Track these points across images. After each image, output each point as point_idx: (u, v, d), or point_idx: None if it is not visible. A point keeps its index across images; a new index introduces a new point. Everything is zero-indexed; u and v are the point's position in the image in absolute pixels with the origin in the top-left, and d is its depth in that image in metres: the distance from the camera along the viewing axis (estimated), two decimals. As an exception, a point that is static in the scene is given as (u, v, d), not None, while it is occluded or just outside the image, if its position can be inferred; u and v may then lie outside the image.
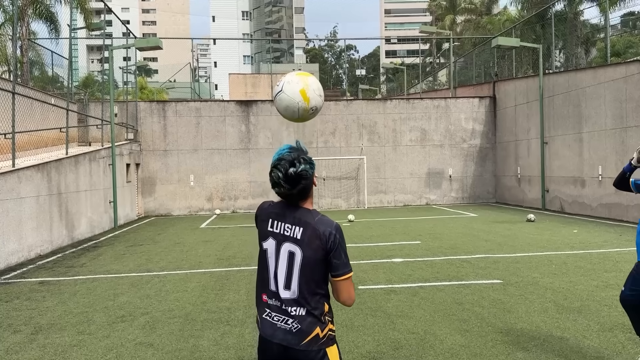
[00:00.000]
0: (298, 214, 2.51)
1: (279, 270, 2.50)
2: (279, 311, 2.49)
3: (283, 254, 2.49)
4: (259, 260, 2.60)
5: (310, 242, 2.45)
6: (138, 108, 20.93)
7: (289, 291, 2.48)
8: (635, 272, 4.28)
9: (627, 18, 31.53)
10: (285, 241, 2.49)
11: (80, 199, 14.23)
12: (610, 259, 9.09)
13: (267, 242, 2.54)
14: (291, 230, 2.49)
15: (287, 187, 2.45)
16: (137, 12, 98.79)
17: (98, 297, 7.39)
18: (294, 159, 2.46)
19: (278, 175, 2.44)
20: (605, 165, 15.49)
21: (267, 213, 2.58)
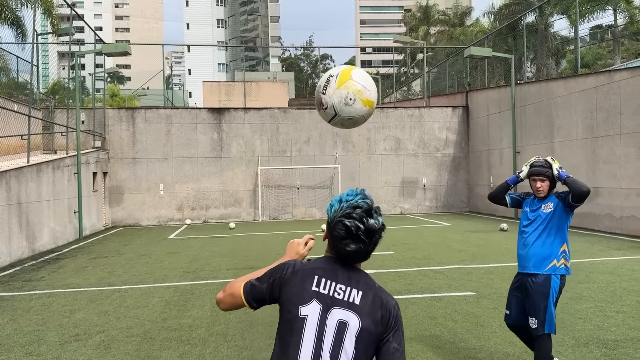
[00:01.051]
0: (354, 274, 1.93)
1: (323, 348, 1.81)
2: None
3: (330, 324, 1.84)
4: (279, 338, 1.91)
5: (372, 312, 1.86)
6: (106, 115, 20.38)
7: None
8: (514, 289, 4.28)
9: (595, 31, 32.18)
10: (335, 306, 1.86)
11: (43, 209, 13.66)
12: (583, 269, 9.02)
13: (308, 306, 1.86)
14: (345, 292, 1.88)
15: (366, 242, 1.88)
16: (110, 19, 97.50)
17: (53, 314, 6.96)
18: (371, 209, 1.92)
19: (358, 225, 1.86)
20: (576, 175, 15.50)
21: (311, 269, 1.93)
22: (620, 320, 5.94)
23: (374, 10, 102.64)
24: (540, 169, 4.15)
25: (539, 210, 4.17)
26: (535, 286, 4.05)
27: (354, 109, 2.45)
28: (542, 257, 4.09)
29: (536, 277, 4.07)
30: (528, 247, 4.14)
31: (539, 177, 4.16)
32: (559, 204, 4.13)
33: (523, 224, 4.26)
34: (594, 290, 7.42)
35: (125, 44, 16.66)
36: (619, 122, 13.80)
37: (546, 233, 4.11)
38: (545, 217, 4.12)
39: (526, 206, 4.32)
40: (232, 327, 6.12)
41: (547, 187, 4.15)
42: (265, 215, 21.44)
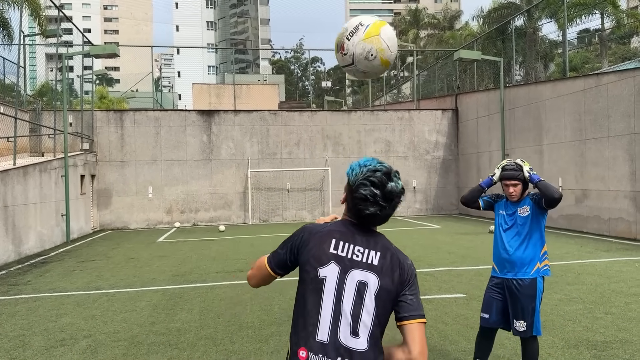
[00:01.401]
0: (372, 236, 1.99)
1: (342, 308, 1.87)
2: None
3: (350, 284, 1.89)
4: (299, 299, 1.97)
5: (390, 272, 1.92)
6: (94, 117, 20.21)
7: (356, 338, 1.85)
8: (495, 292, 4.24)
9: (583, 34, 32.47)
10: (354, 267, 1.91)
11: (29, 212, 13.50)
12: (572, 271, 9.05)
13: (326, 268, 1.91)
14: (363, 254, 1.93)
15: (385, 206, 1.94)
16: (99, 21, 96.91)
17: (39, 318, 6.86)
18: (390, 172, 1.99)
19: (373, 191, 1.92)
20: (565, 177, 15.67)
21: (328, 231, 1.98)
22: (609, 321, 5.95)
23: (364, 13, 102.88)
24: (512, 172, 4.13)
25: (516, 214, 4.16)
26: (523, 289, 4.05)
27: (371, 64, 2.41)
28: (527, 261, 4.10)
29: (523, 280, 4.07)
30: (512, 252, 4.12)
31: (511, 182, 4.14)
32: (534, 207, 4.15)
33: (502, 227, 4.22)
34: (583, 291, 7.45)
35: (114, 45, 16.53)
36: (606, 125, 13.91)
37: (528, 237, 4.11)
38: (525, 221, 4.12)
39: (500, 209, 4.28)
40: (220, 331, 6.06)
41: (520, 191, 4.15)
42: (256, 218, 21.35)
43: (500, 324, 4.20)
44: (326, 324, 1.87)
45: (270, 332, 5.93)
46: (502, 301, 4.17)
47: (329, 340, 1.86)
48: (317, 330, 1.87)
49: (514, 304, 4.07)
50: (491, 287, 4.28)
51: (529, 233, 4.11)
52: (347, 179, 2.04)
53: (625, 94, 13.26)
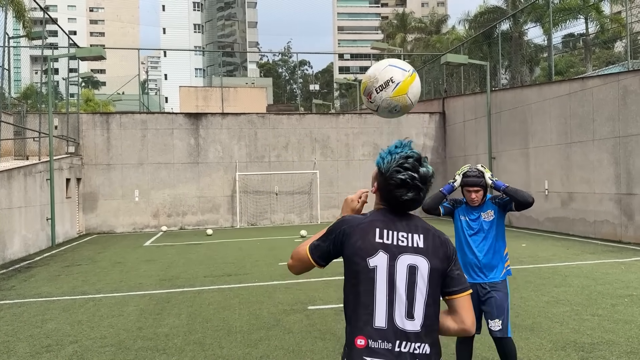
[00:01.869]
0: (412, 220, 2.06)
1: (396, 293, 1.93)
2: (391, 356, 1.88)
3: (401, 269, 1.95)
4: (351, 290, 2.01)
5: (436, 251, 2.01)
6: (80, 120, 20.01)
7: (412, 321, 1.92)
8: None
9: (568, 39, 32.85)
10: (402, 253, 1.97)
11: (14, 216, 13.31)
12: (559, 273, 9.12)
13: (375, 257, 1.95)
14: (407, 239, 2.00)
15: (422, 189, 2.03)
16: (85, 23, 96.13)
17: (24, 324, 6.75)
18: (420, 157, 2.06)
19: (412, 175, 1.99)
20: (551, 180, 15.82)
21: (370, 221, 2.02)
22: (596, 323, 6.00)
23: (351, 17, 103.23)
24: (475, 179, 4.14)
25: (480, 219, 4.17)
26: (496, 289, 4.10)
27: (392, 114, 2.58)
28: (496, 264, 4.15)
29: (496, 283, 4.13)
30: (481, 257, 4.14)
31: (473, 189, 4.15)
32: (499, 211, 4.19)
33: (467, 233, 4.21)
34: (570, 293, 7.51)
35: (100, 48, 16.40)
36: (592, 129, 14.07)
37: (494, 240, 4.15)
38: (490, 225, 4.15)
39: (461, 215, 4.27)
40: (209, 335, 6.02)
41: (482, 197, 4.18)
42: (244, 221, 21.27)
43: (478, 329, 4.20)
44: (382, 311, 1.93)
45: (259, 337, 5.90)
46: (476, 305, 4.16)
47: (387, 325, 1.92)
48: (374, 318, 1.93)
49: (489, 305, 4.09)
50: None
51: (495, 237, 4.16)
52: (378, 168, 2.09)
53: (610, 97, 13.42)
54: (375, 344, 1.91)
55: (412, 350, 1.90)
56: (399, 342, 1.90)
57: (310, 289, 8.30)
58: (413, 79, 2.52)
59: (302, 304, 7.31)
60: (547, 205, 15.97)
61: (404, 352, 1.89)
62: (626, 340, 5.40)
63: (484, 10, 38.45)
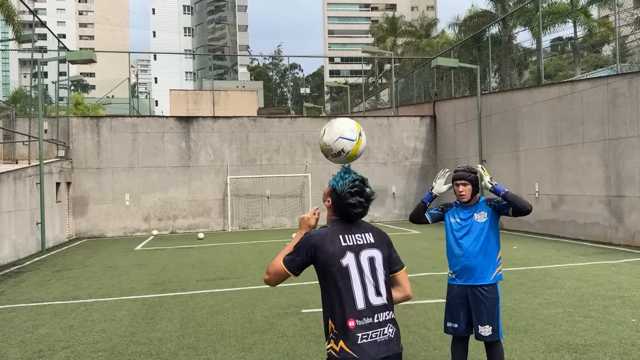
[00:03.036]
0: (360, 224, 2.70)
1: (366, 280, 2.56)
2: (374, 326, 2.53)
3: (364, 262, 2.58)
4: (332, 287, 2.55)
5: (382, 242, 2.69)
6: (70, 124, 19.88)
7: (380, 297, 2.57)
8: (459, 301, 4.19)
9: (556, 43, 33.12)
10: (362, 249, 2.60)
11: (3, 220, 13.19)
12: (550, 275, 9.18)
13: (345, 258, 2.56)
14: (363, 238, 2.64)
15: (367, 207, 2.65)
16: (74, 26, 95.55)
17: (15, 329, 6.68)
18: (364, 180, 2.67)
19: (359, 199, 2.61)
20: (541, 182, 15.93)
21: (332, 232, 2.62)
22: (588, 324, 6.04)
23: (341, 21, 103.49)
24: (462, 173, 4.15)
25: (472, 220, 4.13)
26: (487, 294, 4.08)
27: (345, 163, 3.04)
28: (487, 267, 4.11)
29: (486, 286, 4.10)
30: (471, 259, 4.10)
31: (461, 181, 4.14)
32: (493, 214, 4.16)
33: (457, 235, 4.18)
34: (562, 295, 7.56)
35: (90, 51, 16.30)
36: (581, 131, 14.20)
37: (486, 242, 4.12)
38: (483, 227, 4.11)
39: (452, 217, 4.25)
40: (202, 340, 5.99)
41: (470, 192, 4.14)
42: (235, 225, 21.21)
43: (470, 331, 4.20)
44: (360, 296, 2.53)
45: (253, 341, 5.88)
46: (467, 308, 4.16)
47: (365, 306, 2.53)
48: (356, 303, 2.52)
49: (478, 310, 4.08)
50: (455, 295, 4.21)
51: (487, 239, 4.12)
52: (333, 189, 2.67)
53: (599, 101, 13.56)
54: (361, 321, 2.50)
55: (385, 318, 2.56)
56: (376, 315, 2.53)
57: (304, 292, 8.29)
58: (359, 144, 3.02)
59: (296, 307, 7.29)
60: (537, 208, 16.07)
61: (381, 321, 2.54)
62: (619, 341, 5.44)
63: (474, 14, 38.71)
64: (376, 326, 2.51)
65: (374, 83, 52.35)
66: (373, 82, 52.79)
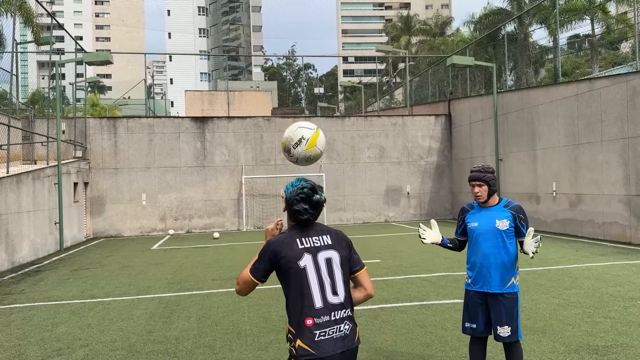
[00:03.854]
0: (317, 227, 2.81)
1: (324, 280, 2.67)
2: (331, 324, 2.64)
3: (322, 262, 2.69)
4: (291, 288, 2.68)
5: (340, 243, 2.78)
6: (87, 125, 20.10)
7: (337, 296, 2.67)
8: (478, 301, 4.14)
9: (573, 40, 32.70)
10: (319, 251, 2.71)
11: (22, 220, 13.37)
12: (569, 275, 9.06)
13: (303, 259, 2.67)
14: (319, 239, 2.74)
15: (313, 213, 2.76)
16: (91, 28, 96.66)
17: (34, 328, 6.77)
18: (314, 187, 2.78)
19: (303, 206, 2.73)
20: (559, 182, 15.74)
21: (289, 236, 2.74)
22: (608, 325, 5.95)
23: (355, 20, 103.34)
24: (477, 174, 4.08)
25: (493, 225, 4.04)
26: (507, 295, 4.03)
27: (309, 162, 3.29)
28: (503, 276, 4.04)
29: (502, 293, 4.05)
30: (491, 264, 4.04)
31: (476, 182, 4.07)
32: (513, 225, 4.05)
33: (476, 239, 4.11)
34: (581, 296, 7.46)
35: (107, 52, 16.46)
36: (600, 129, 14.00)
37: (505, 249, 4.03)
38: (503, 234, 4.03)
39: (472, 221, 4.17)
40: (219, 339, 6.01)
41: (486, 192, 4.06)
42: (250, 224, 21.28)
43: (488, 331, 4.15)
44: (318, 295, 2.64)
45: (269, 340, 5.88)
46: (485, 308, 4.11)
47: (323, 304, 2.64)
48: (314, 302, 2.63)
49: (498, 311, 4.02)
50: (472, 296, 4.16)
51: (505, 246, 4.03)
52: (285, 196, 2.81)
53: (618, 98, 13.35)
54: (318, 319, 2.62)
55: (341, 315, 2.67)
56: (333, 313, 2.64)
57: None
58: (318, 134, 3.27)
59: (312, 307, 7.28)
60: (555, 207, 15.89)
61: (337, 318, 2.65)
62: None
63: (489, 12, 38.40)
64: (333, 323, 2.63)
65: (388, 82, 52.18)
66: (387, 82, 52.63)
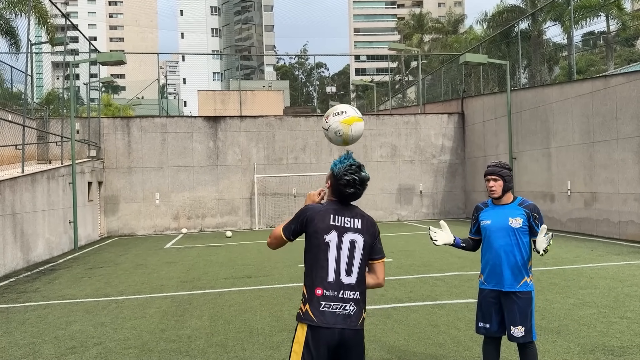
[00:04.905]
0: (353, 209, 2.98)
1: (341, 259, 2.84)
2: (337, 300, 2.80)
3: (345, 243, 2.85)
4: (312, 257, 2.88)
5: (369, 230, 2.93)
6: (101, 124, 20.27)
7: (350, 277, 2.84)
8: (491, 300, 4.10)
9: (588, 37, 32.32)
10: (347, 232, 2.87)
11: (37, 219, 13.52)
12: (584, 275, 8.95)
13: (329, 234, 2.85)
14: (351, 222, 2.90)
15: (359, 188, 2.92)
16: (104, 29, 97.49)
17: (49, 326, 6.83)
18: (360, 165, 2.95)
19: (354, 178, 2.89)
20: (574, 180, 15.57)
21: (326, 209, 2.91)
22: (625, 326, 5.87)
23: (367, 19, 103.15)
24: (494, 168, 4.06)
25: (506, 223, 4.01)
26: (520, 294, 4.00)
27: (336, 137, 3.34)
28: (516, 275, 4.01)
29: (517, 291, 4.01)
30: (504, 263, 4.00)
31: (492, 177, 4.04)
32: (527, 224, 4.01)
33: (489, 237, 4.07)
34: (597, 295, 7.36)
35: (121, 53, 16.58)
36: (615, 127, 13.82)
37: (518, 248, 3.99)
38: (517, 232, 3.99)
39: (486, 218, 4.13)
40: (231, 337, 6.02)
41: (501, 187, 4.03)
42: (262, 223, 21.33)
43: (502, 331, 4.11)
44: (332, 271, 2.83)
45: (281, 339, 5.88)
46: (499, 307, 4.07)
47: (334, 280, 2.83)
48: (327, 275, 2.83)
49: (511, 310, 3.98)
50: (486, 295, 4.12)
51: (518, 245, 4.00)
52: (332, 171, 2.96)
53: (635, 95, 13.17)
54: (327, 292, 2.81)
55: (349, 296, 2.83)
56: (342, 291, 2.82)
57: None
58: (360, 120, 3.33)
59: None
60: (569, 206, 15.72)
61: (345, 297, 2.81)
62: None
63: (502, 10, 38.06)
64: (339, 300, 2.79)
65: (401, 81, 51.97)
66: (399, 80, 52.42)
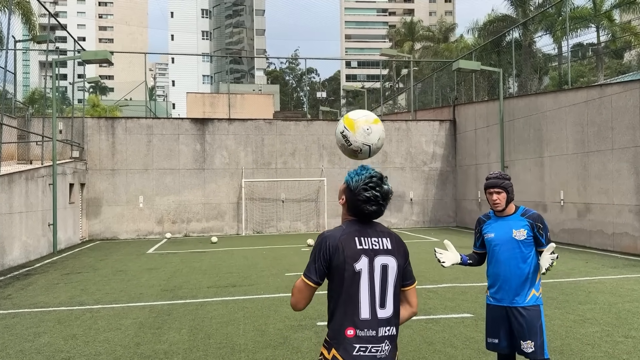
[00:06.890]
0: (376, 226, 2.49)
1: (375, 288, 2.37)
2: (375, 340, 2.34)
3: (377, 269, 2.39)
4: (338, 291, 2.38)
5: (399, 250, 2.46)
6: (85, 125, 19.71)
7: (384, 309, 2.38)
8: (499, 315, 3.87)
9: (577, 48, 32.39)
10: (377, 255, 2.40)
11: (14, 221, 12.96)
12: (581, 289, 8.63)
13: (359, 262, 2.37)
14: (379, 242, 2.43)
15: (383, 204, 2.44)
16: (94, 29, 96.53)
17: (15, 337, 6.35)
18: (382, 177, 2.46)
19: (375, 194, 2.41)
20: (567, 190, 15.32)
21: (347, 233, 2.42)
22: (631, 346, 5.52)
23: (359, 25, 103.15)
24: (495, 180, 3.87)
25: (510, 235, 3.82)
26: (528, 308, 3.78)
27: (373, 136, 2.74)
28: (527, 286, 3.80)
29: (525, 306, 3.80)
30: (510, 276, 3.80)
31: (494, 190, 3.86)
32: (532, 235, 3.82)
33: (494, 251, 3.89)
34: (597, 312, 7.03)
35: (106, 51, 16.09)
36: (610, 137, 13.59)
37: (523, 260, 3.80)
38: (521, 245, 3.80)
39: (490, 231, 3.95)
40: (211, 354, 5.58)
41: (505, 199, 3.85)
42: (249, 229, 20.86)
43: (511, 348, 3.85)
44: (366, 305, 2.34)
45: (265, 357, 5.46)
46: (508, 323, 3.83)
47: (370, 316, 2.34)
48: (360, 311, 2.33)
49: (519, 325, 3.76)
50: (493, 308, 3.90)
51: (524, 257, 3.80)
52: (347, 185, 2.46)
53: (630, 105, 12.95)
54: (362, 332, 2.32)
55: (386, 333, 2.35)
56: (380, 329, 2.34)
57: (319, 302, 7.80)
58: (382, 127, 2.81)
59: (311, 320, 6.86)
60: (562, 216, 15.46)
61: (383, 336, 2.34)
62: (667, 366, 4.92)
63: (493, 19, 38.06)
64: (376, 341, 2.33)
65: (392, 87, 51.83)
66: (390, 87, 52.29)
